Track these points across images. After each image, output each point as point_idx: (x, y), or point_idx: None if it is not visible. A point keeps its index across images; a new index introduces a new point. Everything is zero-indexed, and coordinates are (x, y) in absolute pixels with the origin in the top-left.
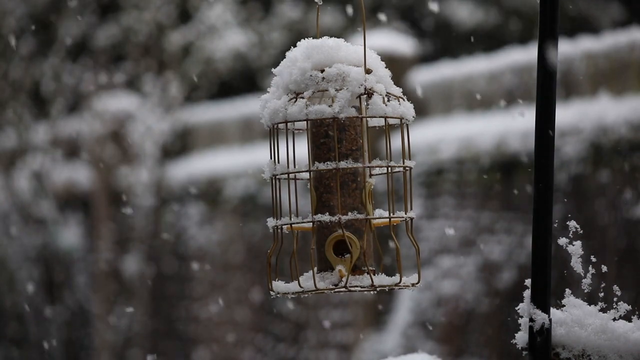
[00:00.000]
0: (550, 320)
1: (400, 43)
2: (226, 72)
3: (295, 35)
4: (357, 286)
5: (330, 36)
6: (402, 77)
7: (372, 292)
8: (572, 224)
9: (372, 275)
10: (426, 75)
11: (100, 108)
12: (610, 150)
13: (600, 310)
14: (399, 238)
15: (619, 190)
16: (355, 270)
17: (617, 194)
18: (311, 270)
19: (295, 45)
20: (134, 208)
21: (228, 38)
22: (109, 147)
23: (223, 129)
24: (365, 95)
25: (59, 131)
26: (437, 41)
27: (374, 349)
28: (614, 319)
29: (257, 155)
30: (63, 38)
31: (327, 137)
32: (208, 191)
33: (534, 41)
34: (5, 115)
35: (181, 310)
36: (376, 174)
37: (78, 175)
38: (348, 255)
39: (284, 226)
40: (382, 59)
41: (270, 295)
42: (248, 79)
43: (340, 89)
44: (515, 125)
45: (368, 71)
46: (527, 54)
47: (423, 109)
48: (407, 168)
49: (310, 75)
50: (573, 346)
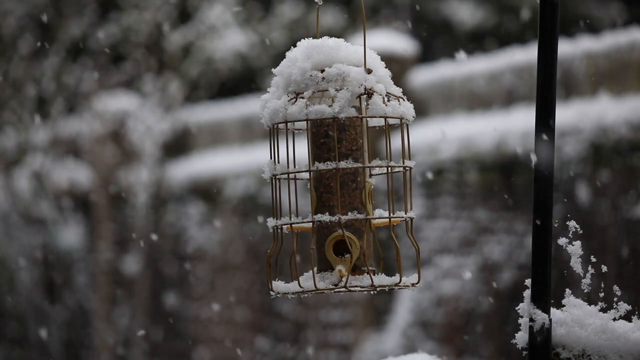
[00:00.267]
0: (550, 320)
1: (400, 43)
2: (226, 72)
3: (295, 35)
4: (357, 286)
5: (331, 36)
6: (402, 77)
7: (372, 292)
8: (572, 224)
9: (372, 275)
10: (426, 75)
11: (100, 108)
12: (610, 150)
13: (600, 310)
14: (399, 238)
15: (619, 190)
16: (355, 270)
17: (617, 194)
18: (311, 270)
19: (295, 45)
20: (134, 208)
21: (228, 38)
22: (109, 147)
23: (223, 129)
24: (365, 95)
25: (59, 131)
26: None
27: (374, 349)
28: (614, 319)
29: (257, 155)
30: (63, 38)
31: (327, 137)
32: (208, 191)
33: (534, 41)
34: (5, 115)
35: (181, 310)
36: (376, 174)
37: (78, 175)
38: (348, 255)
39: (284, 226)
40: (382, 59)
41: (270, 295)
42: (248, 79)
43: (340, 89)
44: (515, 125)
45: (368, 71)
46: (527, 54)
47: (423, 109)
48: (407, 168)
49: (310, 75)
50: (573, 346)
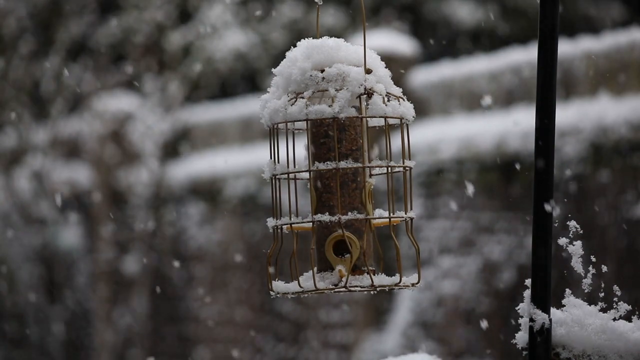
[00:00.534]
0: (550, 320)
1: (400, 43)
2: (226, 72)
3: (295, 35)
4: (357, 286)
5: (331, 36)
6: (402, 77)
7: (372, 292)
8: (572, 224)
9: (372, 275)
10: (426, 75)
11: (100, 108)
12: (610, 150)
13: (600, 310)
14: (399, 238)
15: (619, 190)
16: (355, 270)
17: (617, 194)
18: (311, 270)
19: (295, 45)
20: (134, 208)
21: (228, 38)
22: (109, 147)
23: (223, 129)
24: (365, 95)
25: (59, 131)
26: (437, 41)
27: (374, 349)
28: (614, 319)
29: (257, 155)
30: (63, 38)
31: (327, 137)
32: (208, 191)
33: (534, 41)
34: (5, 115)
35: (181, 310)
36: (376, 174)
37: (78, 175)
38: (348, 255)
39: (284, 226)
40: (382, 59)
41: (270, 295)
42: (248, 79)
43: (340, 89)
44: (515, 125)
45: (368, 71)
46: (527, 54)
47: (423, 109)
48: (407, 168)
49: (310, 75)
50: (573, 346)
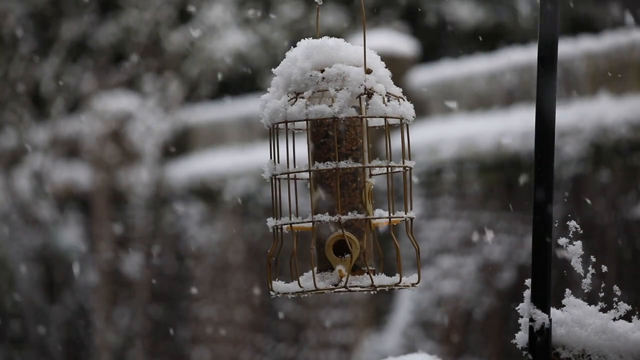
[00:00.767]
0: (550, 320)
1: (400, 43)
2: (226, 72)
3: (296, 35)
4: (357, 286)
5: (331, 36)
6: (402, 77)
7: (372, 292)
8: (572, 224)
9: (372, 275)
10: (426, 75)
11: (100, 108)
12: (610, 150)
13: (600, 310)
14: (399, 238)
15: (619, 190)
16: (355, 270)
17: (617, 194)
18: (311, 270)
19: (295, 45)
20: (134, 208)
21: (228, 38)
22: (109, 147)
23: (223, 129)
24: (365, 95)
25: (59, 131)
26: (437, 41)
27: (374, 349)
28: (614, 319)
29: (257, 155)
30: (63, 38)
31: (327, 137)
32: (208, 191)
33: (534, 41)
34: (5, 115)
35: (181, 310)
36: (376, 174)
37: (78, 175)
38: (348, 255)
39: (284, 226)
40: (382, 59)
41: (270, 295)
42: (248, 79)
43: (340, 89)
44: (515, 125)
45: (368, 71)
46: (527, 54)
47: (423, 109)
48: (407, 168)
49: (310, 75)
50: (573, 346)
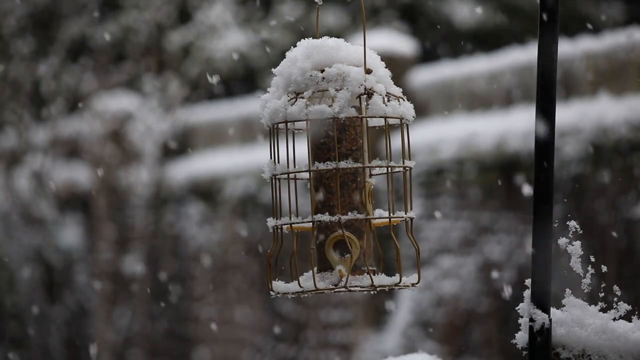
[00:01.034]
0: (550, 320)
1: (400, 43)
2: (226, 72)
3: (295, 35)
4: (357, 286)
5: (331, 36)
6: (402, 77)
7: (372, 292)
8: (572, 224)
9: (372, 275)
10: (426, 75)
11: (100, 108)
12: (610, 150)
13: (600, 310)
14: (399, 238)
15: (619, 190)
16: (355, 270)
17: (617, 194)
18: (311, 270)
19: (295, 45)
20: (134, 208)
21: (228, 38)
22: (109, 147)
23: (223, 129)
24: (365, 95)
25: (59, 131)
26: (437, 41)
27: (374, 349)
28: (614, 319)
29: (257, 155)
30: (63, 38)
31: (327, 137)
32: (208, 191)
33: (534, 41)
34: (5, 115)
35: (181, 310)
36: (376, 174)
37: (78, 175)
38: (348, 255)
39: (284, 226)
40: (382, 59)
41: (270, 295)
42: (248, 79)
43: (340, 89)
44: (515, 125)
45: (368, 71)
46: (527, 54)
47: (423, 109)
48: (407, 168)
49: (310, 75)
50: (573, 346)
